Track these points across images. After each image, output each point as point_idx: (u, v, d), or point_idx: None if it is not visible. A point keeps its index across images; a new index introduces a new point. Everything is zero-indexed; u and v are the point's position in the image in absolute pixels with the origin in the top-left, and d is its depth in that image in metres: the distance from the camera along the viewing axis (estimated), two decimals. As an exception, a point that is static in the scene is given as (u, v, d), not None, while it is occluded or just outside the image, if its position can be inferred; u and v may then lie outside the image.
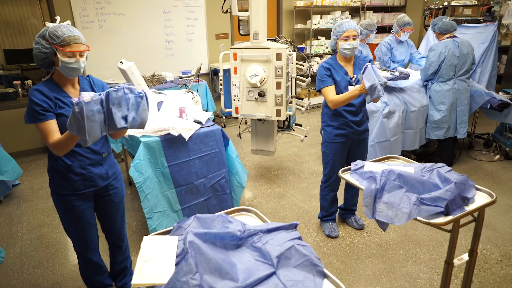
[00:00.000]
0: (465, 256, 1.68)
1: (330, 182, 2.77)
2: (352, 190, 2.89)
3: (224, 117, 5.77)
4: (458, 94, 3.63)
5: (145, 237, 1.15)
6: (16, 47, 6.51)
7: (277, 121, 3.64)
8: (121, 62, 2.78)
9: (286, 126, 3.88)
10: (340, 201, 3.03)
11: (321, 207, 2.93)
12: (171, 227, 1.23)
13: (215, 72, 5.68)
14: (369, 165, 1.77)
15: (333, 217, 2.93)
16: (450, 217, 1.40)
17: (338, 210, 3.03)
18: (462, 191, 1.50)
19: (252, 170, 4.11)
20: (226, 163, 2.76)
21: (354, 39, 2.41)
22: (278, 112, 3.19)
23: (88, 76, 1.87)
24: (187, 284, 0.93)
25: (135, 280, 0.99)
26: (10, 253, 2.75)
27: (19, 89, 4.72)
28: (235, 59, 3.13)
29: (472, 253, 1.67)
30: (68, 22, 1.68)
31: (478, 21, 4.61)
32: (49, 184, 1.84)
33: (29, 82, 4.94)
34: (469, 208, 1.48)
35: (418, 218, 1.38)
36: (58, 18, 1.70)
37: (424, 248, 2.69)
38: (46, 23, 1.64)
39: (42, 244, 2.87)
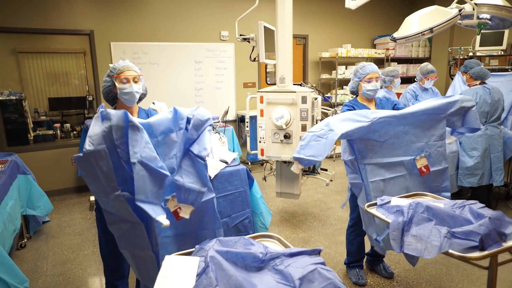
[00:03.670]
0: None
1: (358, 226, 2.67)
2: (380, 234, 2.76)
3: (249, 163, 5.82)
4: (491, 140, 3.53)
5: (166, 256, 1.14)
6: (58, 95, 7.04)
7: (302, 164, 3.63)
8: (153, 103, 2.93)
9: (311, 169, 3.86)
10: (367, 248, 2.89)
11: (347, 252, 2.80)
12: (193, 249, 1.22)
13: (241, 119, 5.84)
14: (395, 200, 1.72)
15: (361, 263, 2.78)
16: (486, 252, 1.31)
17: (366, 257, 2.88)
18: (498, 227, 1.41)
19: (277, 215, 4.04)
20: (250, 203, 2.74)
21: (376, 81, 2.48)
22: (303, 154, 3.19)
23: (148, 109, 2.15)
24: (206, 298, 0.91)
25: (154, 294, 0.98)
26: (33, 288, 2.76)
27: (58, 132, 5.02)
28: (261, 102, 3.24)
29: (515, 298, 1.53)
30: (127, 60, 2.02)
31: (505, 70, 4.59)
32: (95, 201, 1.98)
33: (68, 125, 5.26)
34: (508, 244, 1.38)
35: (450, 251, 1.30)
36: (122, 59, 2.08)
37: (462, 301, 2.48)
38: (110, 64, 2.00)
39: (65, 280, 2.86)
